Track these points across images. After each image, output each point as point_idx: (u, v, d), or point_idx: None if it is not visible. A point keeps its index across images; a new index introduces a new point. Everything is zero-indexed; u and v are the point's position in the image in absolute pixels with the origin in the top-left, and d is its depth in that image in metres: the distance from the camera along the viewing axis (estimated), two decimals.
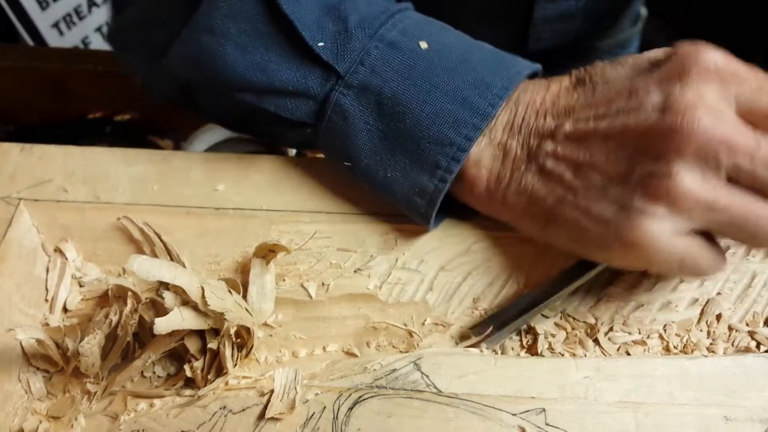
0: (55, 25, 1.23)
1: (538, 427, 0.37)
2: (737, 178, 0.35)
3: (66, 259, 0.45)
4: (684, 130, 0.34)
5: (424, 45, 0.42)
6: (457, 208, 0.44)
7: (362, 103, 0.42)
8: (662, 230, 0.36)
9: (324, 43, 0.42)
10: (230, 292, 0.39)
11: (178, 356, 0.42)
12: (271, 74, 0.42)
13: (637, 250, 0.36)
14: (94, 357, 0.38)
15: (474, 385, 0.39)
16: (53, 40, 1.23)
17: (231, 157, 0.48)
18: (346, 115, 0.42)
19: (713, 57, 0.36)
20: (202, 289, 0.37)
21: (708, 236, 0.38)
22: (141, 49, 0.48)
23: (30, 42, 1.20)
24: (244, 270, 0.45)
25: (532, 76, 0.42)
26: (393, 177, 0.42)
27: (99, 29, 1.28)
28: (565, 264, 0.44)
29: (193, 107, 0.51)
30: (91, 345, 0.38)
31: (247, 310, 0.40)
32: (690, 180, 0.35)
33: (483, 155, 0.40)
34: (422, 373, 0.39)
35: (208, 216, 0.46)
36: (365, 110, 0.42)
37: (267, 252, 0.43)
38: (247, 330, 0.40)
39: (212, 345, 0.39)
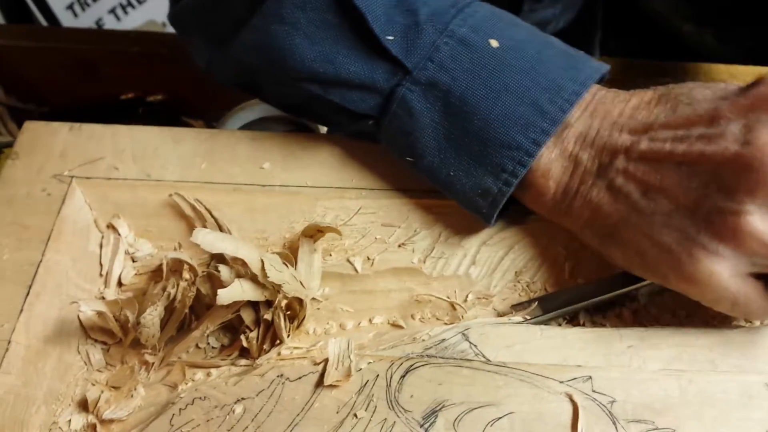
0: (70, 7, 1.24)
1: (585, 393, 0.39)
2: None
3: (119, 235, 0.46)
4: (761, 168, 0.33)
5: (494, 43, 0.41)
6: (516, 207, 0.44)
7: (429, 101, 0.41)
8: (721, 269, 0.35)
9: (393, 36, 0.41)
10: (286, 265, 0.41)
11: (231, 328, 0.43)
12: (338, 66, 0.42)
13: (692, 284, 0.37)
14: (154, 328, 0.40)
15: (521, 354, 0.40)
16: (67, 21, 1.24)
17: (276, 136, 0.49)
18: (412, 111, 0.42)
19: None
20: (262, 261, 0.38)
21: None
22: (204, 33, 0.48)
23: (44, 23, 1.21)
24: (290, 246, 0.46)
25: (601, 79, 0.42)
26: (456, 176, 0.42)
27: (113, 11, 1.28)
28: None
29: (256, 92, 0.51)
30: (153, 316, 0.39)
31: (301, 282, 0.41)
32: (759, 221, 0.34)
33: (553, 165, 0.40)
34: (470, 342, 0.40)
35: (255, 193, 0.47)
36: (432, 107, 0.41)
37: (315, 232, 0.44)
38: (300, 302, 0.41)
39: (267, 316, 0.40)
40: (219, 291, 0.36)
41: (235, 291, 0.37)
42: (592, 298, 0.42)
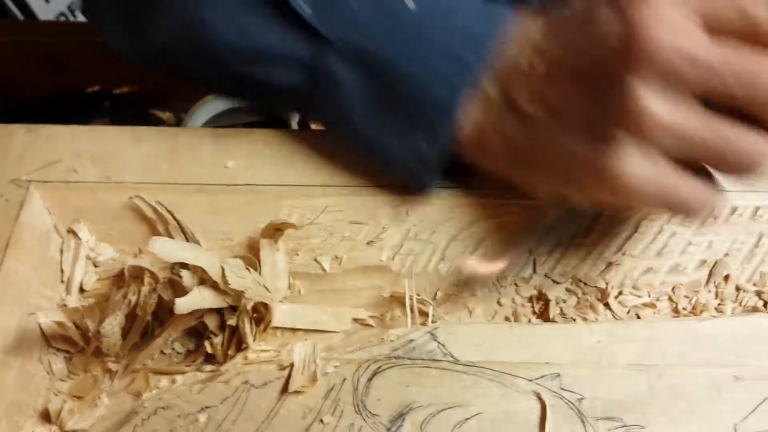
0: None
1: (553, 391, 0.38)
2: (710, 98, 0.34)
3: (79, 239, 0.45)
4: (638, 46, 0.33)
5: (410, 3, 0.40)
6: (454, 170, 0.43)
7: (354, 66, 0.41)
8: (631, 158, 0.35)
9: (307, 3, 0.40)
10: (248, 270, 0.40)
11: (196, 332, 0.43)
12: (256, 39, 0.41)
13: (610, 182, 0.36)
14: (115, 337, 0.39)
15: (490, 352, 0.40)
16: (39, 7, 1.21)
17: (240, 133, 0.48)
18: (337, 79, 0.41)
19: None
20: (222, 268, 0.37)
21: (702, 172, 0.36)
22: (117, 21, 0.47)
23: (15, 10, 1.18)
24: (257, 246, 0.45)
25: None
26: (390, 142, 0.41)
27: None
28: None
29: (180, 77, 0.50)
30: (113, 326, 0.38)
31: (265, 286, 0.40)
32: (650, 100, 0.33)
33: (466, 104, 0.39)
34: (438, 342, 0.40)
35: (219, 193, 0.46)
36: (356, 74, 0.41)
37: (274, 231, 0.43)
38: (265, 306, 0.40)
39: (231, 321, 0.40)
40: (176, 300, 0.35)
41: (194, 300, 0.37)
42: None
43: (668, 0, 0.33)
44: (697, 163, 0.36)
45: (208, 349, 0.40)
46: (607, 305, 0.44)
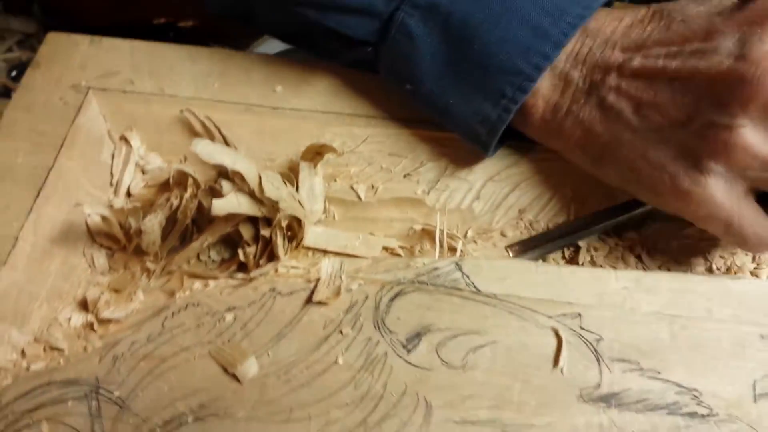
0: None
1: (572, 330, 0.38)
2: None
3: (131, 147, 0.47)
4: (755, 81, 0.33)
5: None
6: (516, 136, 0.43)
7: (428, 25, 0.40)
8: (714, 184, 0.35)
9: None
10: (285, 184, 0.41)
11: (233, 243, 0.44)
12: None
13: (686, 201, 0.36)
14: (154, 235, 0.41)
15: (513, 287, 0.40)
16: None
17: (292, 61, 0.49)
18: (411, 36, 0.41)
19: None
20: (260, 177, 0.38)
21: None
22: None
23: None
24: (297, 169, 0.46)
25: (608, 4, 0.40)
26: (455, 103, 0.41)
27: None
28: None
29: (249, 19, 0.51)
30: (153, 223, 0.40)
31: (299, 202, 0.41)
32: (751, 135, 0.33)
33: (542, 84, 0.39)
34: (463, 273, 0.40)
35: (265, 115, 0.47)
36: (431, 32, 0.40)
37: (314, 155, 0.44)
38: (299, 222, 0.42)
39: (265, 233, 0.41)
40: (213, 200, 0.37)
41: (230, 203, 0.38)
42: (584, 230, 0.42)
43: None
44: None
45: (241, 258, 0.42)
46: (639, 257, 0.43)
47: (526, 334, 0.38)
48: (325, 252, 0.44)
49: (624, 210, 0.42)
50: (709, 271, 0.43)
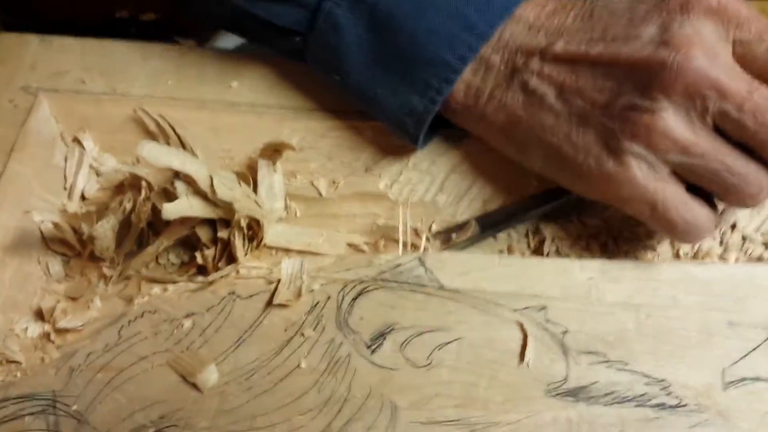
0: None
1: (538, 322, 0.38)
2: (723, 126, 0.34)
3: (84, 149, 0.46)
4: (675, 67, 0.33)
5: None
6: (448, 125, 0.43)
7: (355, 15, 0.40)
8: (635, 166, 0.35)
9: None
10: (240, 184, 0.40)
11: (192, 245, 0.43)
12: None
13: (609, 183, 0.36)
14: (107, 240, 0.40)
15: (477, 282, 0.39)
16: None
17: (248, 56, 0.48)
18: (338, 26, 0.40)
19: None
20: (211, 178, 0.37)
21: (703, 197, 0.37)
22: None
23: None
24: (256, 166, 0.45)
25: None
26: (383, 94, 0.41)
27: None
28: None
29: (186, 9, 0.50)
30: (104, 228, 0.39)
31: (256, 202, 0.40)
32: (672, 119, 0.34)
33: (467, 71, 0.39)
34: (426, 268, 0.40)
35: (221, 111, 0.46)
36: (358, 22, 0.40)
37: (272, 152, 0.43)
38: (258, 222, 0.41)
39: (222, 234, 0.40)
40: (165, 204, 0.36)
41: (181, 206, 0.37)
42: (528, 211, 0.41)
43: (709, 24, 0.34)
44: (702, 191, 0.37)
45: (199, 261, 0.41)
46: (605, 245, 0.43)
47: (491, 329, 0.38)
48: (287, 251, 0.43)
49: (552, 196, 0.42)
50: (677, 256, 0.42)
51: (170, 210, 0.36)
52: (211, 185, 0.37)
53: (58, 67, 0.48)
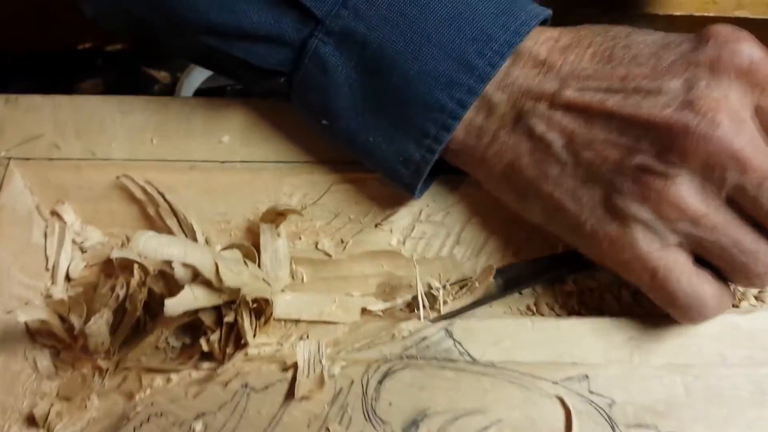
0: None
1: (581, 395, 0.35)
2: (738, 200, 0.32)
3: (64, 222, 0.42)
4: (698, 133, 0.30)
5: None
6: (450, 170, 0.39)
7: (344, 54, 0.36)
8: (641, 232, 0.32)
9: None
10: (245, 263, 0.36)
11: (192, 325, 0.39)
12: (239, 15, 0.36)
13: (610, 246, 0.33)
14: (102, 336, 0.36)
15: (510, 351, 0.36)
16: None
17: (235, 103, 0.44)
18: (325, 66, 0.36)
19: (750, 51, 0.31)
20: (216, 265, 0.33)
21: (715, 274, 0.34)
22: None
23: None
24: (256, 229, 0.41)
25: (543, 23, 0.36)
26: (375, 142, 0.37)
27: None
28: None
29: (157, 44, 0.45)
30: (98, 325, 0.35)
31: (264, 279, 0.37)
32: (686, 187, 0.31)
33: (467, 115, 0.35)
34: (455, 340, 0.37)
35: (213, 171, 0.42)
36: (347, 62, 0.36)
37: (276, 216, 0.39)
38: (266, 299, 0.37)
39: (229, 318, 0.36)
40: (166, 301, 0.32)
41: (185, 299, 0.33)
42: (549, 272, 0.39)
43: (737, 86, 0.31)
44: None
45: (204, 348, 0.37)
46: (635, 294, 0.40)
47: (532, 406, 0.35)
48: (297, 321, 0.40)
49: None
50: None
51: (173, 306, 0.32)
52: (217, 273, 0.33)
53: (28, 131, 0.43)
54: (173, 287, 0.36)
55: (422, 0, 0.35)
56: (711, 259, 0.33)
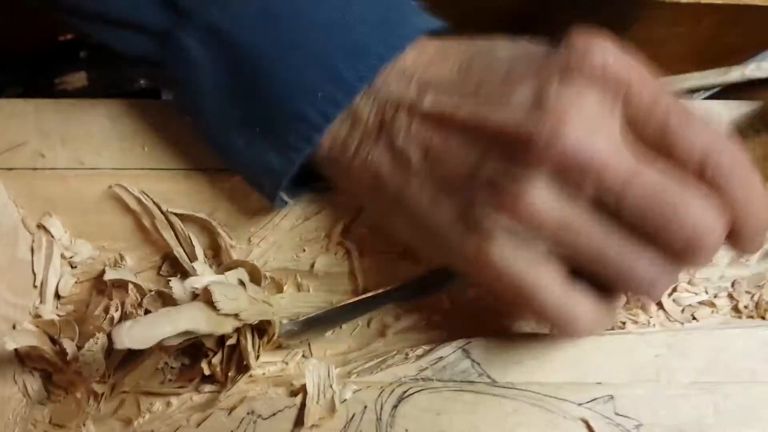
0: None
1: (607, 417, 0.33)
2: (604, 206, 0.29)
3: (52, 236, 0.39)
4: (546, 140, 0.28)
5: None
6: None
7: (209, 49, 0.33)
8: (503, 247, 0.30)
9: None
10: (243, 285, 0.34)
11: (193, 344, 0.37)
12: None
13: (474, 263, 0.31)
14: (97, 363, 0.34)
15: (532, 371, 0.34)
16: None
17: None
18: (189, 58, 0.34)
19: (605, 54, 0.29)
20: (210, 291, 0.31)
21: (596, 287, 0.31)
22: None
23: None
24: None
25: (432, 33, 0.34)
26: (236, 145, 0.35)
27: None
28: None
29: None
30: (94, 352, 0.33)
31: (265, 301, 0.34)
32: (541, 194, 0.29)
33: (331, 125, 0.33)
34: (473, 360, 0.35)
35: (210, 176, 0.39)
36: (213, 57, 0.34)
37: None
38: (268, 320, 0.35)
39: (231, 341, 0.34)
40: (165, 338, 0.30)
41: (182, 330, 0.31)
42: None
43: (592, 90, 0.28)
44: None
45: (206, 371, 0.35)
46: (659, 304, 0.38)
47: (556, 429, 0.33)
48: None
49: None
50: (736, 310, 0.38)
51: (173, 339, 0.30)
52: (213, 306, 0.31)
53: (10, 138, 0.40)
54: (172, 305, 0.34)
55: (299, 2, 0.32)
56: (588, 268, 0.30)
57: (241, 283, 0.34)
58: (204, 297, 0.32)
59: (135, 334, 0.28)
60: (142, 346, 0.29)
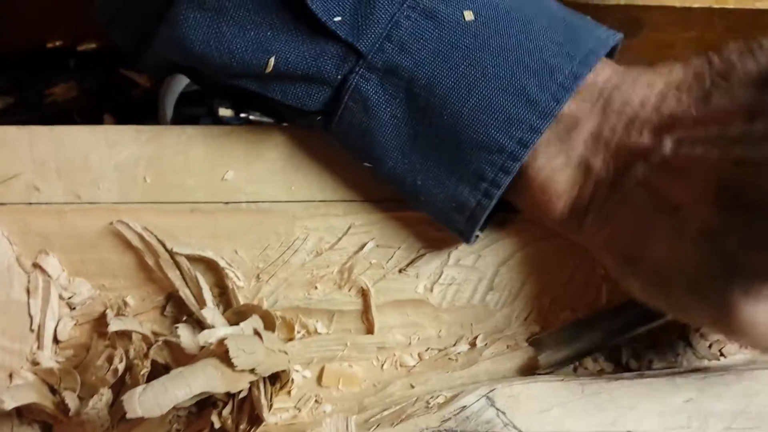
0: None
1: None
2: None
3: (48, 276, 0.37)
4: None
5: (469, 15, 0.31)
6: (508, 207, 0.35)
7: (388, 91, 0.32)
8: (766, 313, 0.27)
9: (341, 17, 0.31)
10: (260, 336, 0.32)
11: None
12: (275, 56, 0.32)
13: (732, 332, 0.29)
14: (102, 419, 0.32)
15: (560, 420, 0.33)
16: None
17: (237, 131, 0.39)
18: (368, 104, 0.32)
19: None
20: (226, 345, 0.29)
21: None
22: (127, 27, 0.38)
23: None
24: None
25: (612, 51, 0.32)
26: (425, 186, 0.33)
27: None
28: None
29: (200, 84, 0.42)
30: (98, 409, 0.31)
31: (281, 350, 0.33)
32: None
33: (556, 176, 0.31)
34: (497, 409, 0.33)
35: (217, 213, 0.37)
36: (392, 99, 0.32)
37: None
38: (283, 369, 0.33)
39: (243, 393, 0.32)
40: (177, 398, 0.28)
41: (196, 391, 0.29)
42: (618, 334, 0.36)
43: None
44: None
45: (216, 423, 0.33)
46: (686, 340, 0.37)
47: None
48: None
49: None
50: None
51: (187, 400, 0.28)
52: (229, 361, 0.29)
53: (3, 170, 0.38)
54: (180, 356, 0.32)
55: (476, 29, 0.30)
56: None
57: (256, 332, 0.32)
58: (218, 350, 0.30)
59: (147, 402, 0.26)
60: (155, 414, 0.27)
